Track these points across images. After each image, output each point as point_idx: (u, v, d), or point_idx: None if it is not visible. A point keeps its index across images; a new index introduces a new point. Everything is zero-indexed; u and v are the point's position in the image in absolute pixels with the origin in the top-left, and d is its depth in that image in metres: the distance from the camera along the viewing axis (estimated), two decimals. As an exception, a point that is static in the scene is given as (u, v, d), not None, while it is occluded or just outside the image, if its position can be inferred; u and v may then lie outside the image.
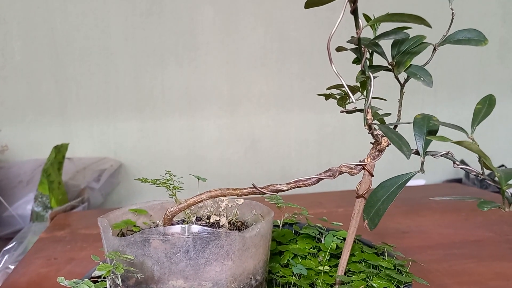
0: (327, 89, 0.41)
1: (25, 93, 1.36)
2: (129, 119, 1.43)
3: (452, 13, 0.34)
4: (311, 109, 1.53)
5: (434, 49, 0.37)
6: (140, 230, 0.46)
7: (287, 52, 1.50)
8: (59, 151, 1.07)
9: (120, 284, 0.37)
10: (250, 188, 0.40)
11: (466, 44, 0.34)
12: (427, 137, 0.35)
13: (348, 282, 0.43)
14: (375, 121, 0.40)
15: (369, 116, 0.37)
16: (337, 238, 0.51)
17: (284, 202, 0.57)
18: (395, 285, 0.43)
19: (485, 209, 0.31)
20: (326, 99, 0.45)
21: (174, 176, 0.46)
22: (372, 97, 0.37)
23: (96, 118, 1.41)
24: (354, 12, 0.32)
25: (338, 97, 0.43)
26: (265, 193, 0.40)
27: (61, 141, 1.25)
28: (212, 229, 0.39)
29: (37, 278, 0.66)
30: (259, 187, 0.40)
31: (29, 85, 1.36)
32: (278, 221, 0.61)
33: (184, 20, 1.42)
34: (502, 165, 1.55)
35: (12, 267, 0.82)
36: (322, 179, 0.39)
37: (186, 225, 0.41)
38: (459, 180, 1.57)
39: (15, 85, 1.35)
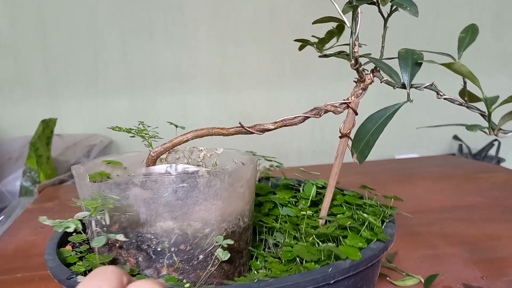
0: (313, 23, 0.40)
1: (13, 71, 1.34)
2: (119, 96, 1.41)
3: None
4: (302, 85, 1.52)
5: None
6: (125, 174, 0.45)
7: (277, 27, 1.48)
8: (47, 125, 1.05)
9: (108, 223, 0.36)
10: (237, 127, 0.39)
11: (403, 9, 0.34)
12: (418, 61, 0.35)
13: (333, 221, 0.43)
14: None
15: (356, 49, 0.36)
16: (316, 186, 0.51)
17: (260, 156, 0.57)
18: (380, 220, 0.43)
19: (474, 130, 0.32)
20: (301, 48, 0.44)
21: (149, 126, 0.45)
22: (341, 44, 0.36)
23: (85, 95, 1.39)
24: None
25: (314, 44, 0.42)
26: (252, 132, 0.39)
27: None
28: (200, 168, 0.37)
29: (24, 245, 0.65)
30: (246, 126, 0.39)
31: (17, 63, 1.34)
32: None
33: (173, -5, 1.39)
34: (496, 140, 1.55)
35: None
36: (308, 117, 0.39)
37: (173, 165, 0.40)
38: (452, 155, 1.57)
39: (2, 62, 1.33)
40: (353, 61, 0.36)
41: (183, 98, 1.46)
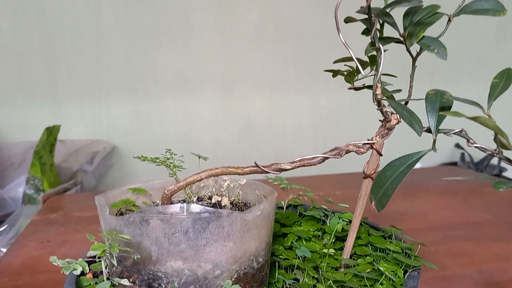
0: (334, 62, 0.39)
1: (15, 74, 1.33)
2: (122, 101, 1.40)
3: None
4: (306, 91, 1.52)
5: (449, 19, 0.36)
6: (138, 210, 0.45)
7: (282, 34, 1.47)
8: (51, 133, 1.05)
9: (116, 265, 0.36)
10: (252, 166, 0.38)
11: (483, 14, 0.33)
12: (440, 113, 0.33)
13: (354, 266, 0.42)
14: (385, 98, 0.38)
15: (378, 91, 0.35)
16: (343, 220, 0.50)
17: (288, 183, 0.56)
18: (402, 269, 0.41)
19: (500, 189, 0.30)
20: (334, 76, 0.43)
21: (175, 154, 0.44)
22: (382, 73, 0.35)
23: (87, 100, 1.38)
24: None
25: (345, 73, 0.41)
26: (268, 172, 0.38)
27: (52, 123, 1.22)
28: (212, 208, 0.37)
29: (30, 261, 0.64)
30: (262, 166, 0.38)
31: (19, 66, 1.33)
32: (282, 202, 0.60)
33: (177, 0, 1.38)
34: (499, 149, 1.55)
35: (4, 250, 0.80)
36: (327, 158, 0.38)
37: (185, 204, 0.40)
38: (454, 164, 1.57)
39: (4, 66, 1.32)
40: (375, 103, 0.35)
41: (186, 103, 1.45)
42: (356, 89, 0.41)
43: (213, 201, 0.45)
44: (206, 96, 1.46)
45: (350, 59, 0.35)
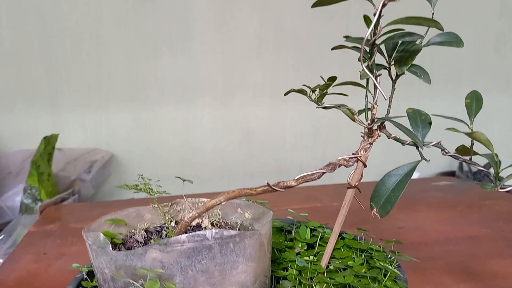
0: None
1: (14, 82, 1.33)
2: (122, 109, 1.40)
3: (432, 14, 0.36)
4: (306, 100, 1.51)
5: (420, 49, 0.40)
6: (121, 243, 0.44)
7: (282, 43, 1.48)
8: (49, 142, 1.05)
9: None
10: (264, 186, 0.41)
11: (449, 46, 0.38)
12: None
13: (344, 269, 0.44)
14: (378, 116, 0.40)
15: (375, 111, 0.39)
16: (310, 229, 0.54)
17: (250, 198, 0.56)
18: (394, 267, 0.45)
19: (488, 189, 0.35)
20: (285, 94, 0.49)
21: (149, 180, 0.44)
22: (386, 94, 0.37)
23: (87, 107, 1.38)
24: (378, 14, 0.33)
25: (309, 93, 0.47)
26: (277, 190, 0.40)
27: (51, 131, 1.22)
28: (232, 230, 0.36)
29: (26, 275, 0.64)
30: (273, 184, 0.41)
31: (19, 73, 1.33)
32: None
33: (178, 8, 1.39)
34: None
35: (1, 260, 0.80)
36: (324, 172, 0.41)
37: (208, 231, 0.39)
38: (452, 173, 1.57)
39: (4, 73, 1.32)
40: (369, 121, 0.39)
41: (186, 111, 1.45)
42: (326, 108, 0.46)
43: (193, 224, 0.45)
44: (206, 104, 1.46)
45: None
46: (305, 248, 0.52)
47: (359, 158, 0.42)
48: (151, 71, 1.41)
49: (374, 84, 0.37)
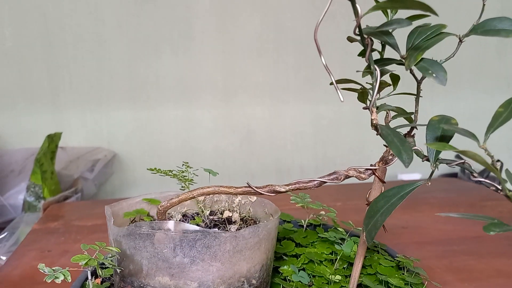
0: (337, 82, 0.38)
1: (16, 80, 1.33)
2: (123, 108, 1.40)
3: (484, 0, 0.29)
4: (306, 100, 1.52)
5: (460, 40, 0.34)
6: (151, 220, 0.46)
7: (283, 43, 1.48)
8: (52, 140, 1.05)
9: (101, 275, 0.37)
10: (245, 187, 0.38)
11: (495, 35, 0.31)
12: (427, 144, 0.31)
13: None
14: (380, 122, 0.36)
15: (374, 116, 0.33)
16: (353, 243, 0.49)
17: (309, 202, 0.54)
18: None
19: (491, 233, 0.28)
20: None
21: (190, 168, 0.45)
22: (400, 93, 0.35)
23: (89, 106, 1.38)
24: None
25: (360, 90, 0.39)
26: (261, 193, 0.38)
27: (53, 130, 1.22)
28: (200, 228, 0.37)
29: (30, 271, 0.64)
30: (256, 187, 0.38)
31: (20, 72, 1.33)
32: (303, 221, 0.60)
33: (179, 8, 1.39)
34: (498, 160, 1.55)
35: (4, 258, 0.80)
36: (325, 182, 0.37)
37: (175, 222, 0.40)
38: (454, 175, 1.57)
39: (6, 72, 1.32)
40: (373, 128, 0.34)
41: (187, 111, 1.45)
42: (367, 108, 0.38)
43: (224, 216, 0.45)
44: (206, 104, 1.47)
45: (349, 81, 0.35)
46: (345, 266, 0.46)
47: (375, 171, 0.37)
48: (152, 71, 1.41)
49: (372, 83, 0.33)
